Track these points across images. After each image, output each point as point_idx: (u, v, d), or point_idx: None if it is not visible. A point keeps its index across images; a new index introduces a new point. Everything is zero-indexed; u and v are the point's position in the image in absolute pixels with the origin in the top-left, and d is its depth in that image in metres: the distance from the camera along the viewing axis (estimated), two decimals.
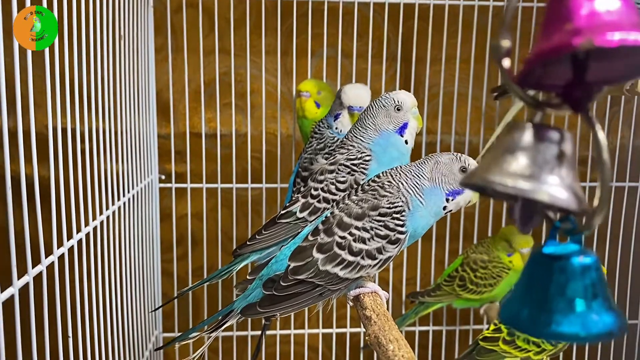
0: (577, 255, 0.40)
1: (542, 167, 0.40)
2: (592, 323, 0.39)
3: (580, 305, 0.39)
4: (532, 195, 0.38)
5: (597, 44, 0.35)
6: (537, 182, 0.39)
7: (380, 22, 1.56)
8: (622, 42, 0.35)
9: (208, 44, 1.51)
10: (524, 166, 0.40)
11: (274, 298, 0.89)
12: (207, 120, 1.59)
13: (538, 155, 0.40)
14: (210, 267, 1.57)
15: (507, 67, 0.41)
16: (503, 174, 0.40)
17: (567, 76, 0.40)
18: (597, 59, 0.39)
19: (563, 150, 0.40)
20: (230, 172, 1.53)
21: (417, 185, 0.89)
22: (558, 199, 0.38)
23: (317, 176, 1.05)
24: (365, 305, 0.90)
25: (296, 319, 1.69)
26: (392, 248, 0.89)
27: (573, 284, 0.40)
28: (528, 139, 0.41)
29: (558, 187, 0.39)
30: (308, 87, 1.38)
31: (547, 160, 0.40)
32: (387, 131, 1.03)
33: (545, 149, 0.40)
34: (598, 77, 0.40)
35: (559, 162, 0.40)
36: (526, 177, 0.39)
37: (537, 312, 0.40)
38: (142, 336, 1.35)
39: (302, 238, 0.91)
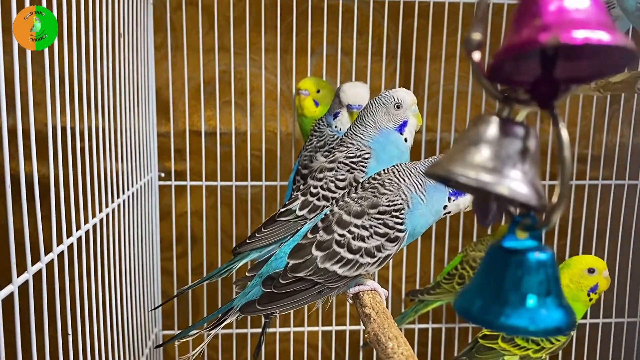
0: (533, 251, 0.41)
1: (504, 161, 0.40)
2: (541, 318, 0.39)
3: (531, 299, 0.40)
4: (493, 188, 0.39)
5: (563, 40, 0.36)
6: (499, 176, 0.39)
7: (380, 20, 1.56)
8: (586, 40, 0.36)
9: (208, 41, 1.51)
10: (487, 159, 0.40)
11: (273, 296, 0.89)
12: (207, 118, 1.59)
13: (502, 149, 0.40)
14: (210, 265, 1.58)
15: (477, 60, 0.41)
16: (466, 166, 0.40)
17: (535, 72, 0.40)
18: (565, 57, 0.39)
19: (527, 146, 0.41)
20: (230, 170, 1.53)
21: (421, 181, 0.89)
22: (518, 194, 0.39)
23: (316, 174, 1.05)
24: (364, 303, 0.90)
25: (296, 316, 1.69)
26: (391, 246, 0.89)
27: (527, 278, 0.40)
28: (493, 132, 0.41)
29: (519, 182, 0.39)
30: (307, 85, 1.38)
31: (510, 154, 0.40)
32: (387, 129, 1.03)
33: (509, 144, 0.41)
34: (566, 75, 0.41)
35: (522, 158, 0.40)
36: (488, 169, 0.40)
37: (489, 303, 0.41)
38: (142, 334, 1.35)
39: (302, 236, 0.91)
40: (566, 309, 0.40)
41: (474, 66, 0.42)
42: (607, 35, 0.36)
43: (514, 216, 0.42)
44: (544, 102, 0.41)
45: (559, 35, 0.36)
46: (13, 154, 0.69)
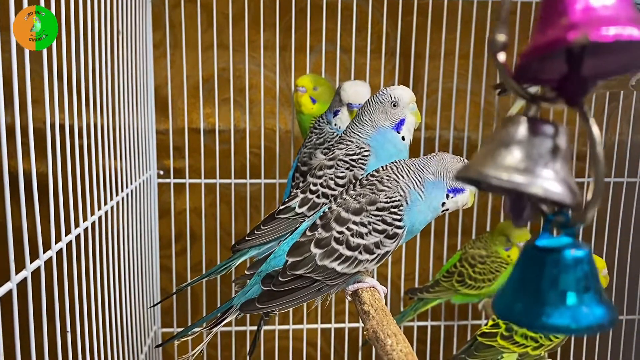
0: (569, 248, 0.40)
1: (536, 161, 0.40)
2: (583, 316, 0.39)
3: (571, 297, 0.40)
4: (527, 189, 0.39)
5: (593, 39, 0.36)
6: (532, 176, 0.39)
7: (379, 18, 1.56)
8: (617, 37, 0.35)
9: (206, 39, 1.51)
10: (519, 160, 0.40)
11: (272, 294, 0.89)
12: (206, 115, 1.59)
13: (532, 149, 0.40)
14: (209, 263, 1.58)
15: (502, 61, 0.41)
16: (498, 168, 0.40)
17: (562, 70, 0.40)
18: (593, 54, 0.39)
19: (557, 144, 0.40)
20: (229, 167, 1.53)
21: (420, 178, 0.89)
22: (553, 193, 0.39)
23: (316, 171, 1.05)
24: (363, 300, 0.90)
25: (295, 314, 1.69)
26: (389, 243, 0.89)
27: (565, 276, 0.40)
28: (523, 132, 0.41)
29: (552, 180, 0.39)
30: (304, 82, 1.38)
31: (541, 154, 0.40)
32: (384, 127, 1.03)
33: (539, 143, 0.40)
34: (593, 72, 0.40)
35: (553, 156, 0.40)
36: (521, 170, 0.39)
37: (529, 304, 0.40)
38: (141, 331, 1.35)
39: (300, 233, 0.91)
40: (607, 305, 0.40)
41: (500, 67, 0.41)
42: (637, 31, 0.35)
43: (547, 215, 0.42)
44: (572, 100, 0.40)
45: (588, 33, 0.35)
46: (11, 152, 0.69)
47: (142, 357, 1.36)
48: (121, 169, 1.21)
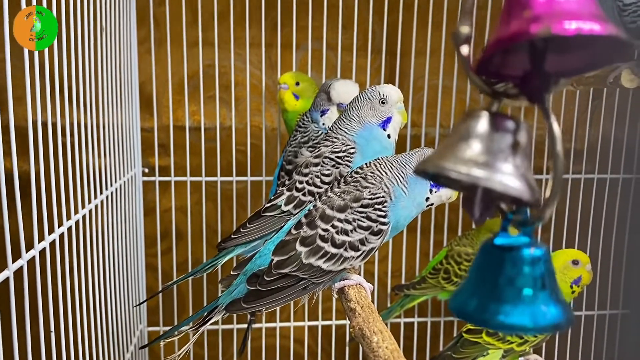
0: (527, 247, 0.40)
1: (496, 156, 0.39)
2: (540, 315, 0.39)
3: (529, 296, 0.39)
4: (485, 183, 0.38)
5: (555, 31, 0.35)
6: (491, 170, 0.39)
7: (365, 15, 1.56)
8: (578, 31, 0.35)
9: (191, 36, 1.50)
10: (478, 154, 0.39)
11: (258, 293, 0.89)
12: (191, 113, 1.58)
13: (493, 143, 0.40)
14: (195, 261, 1.57)
15: (465, 54, 0.41)
16: (457, 161, 0.39)
17: (525, 66, 0.40)
18: (556, 49, 0.39)
19: (518, 140, 0.40)
20: (215, 165, 1.52)
21: (403, 174, 0.89)
22: (511, 188, 0.38)
23: (301, 169, 1.05)
24: (349, 297, 0.90)
25: (282, 312, 1.69)
26: (374, 239, 0.89)
27: (523, 275, 0.40)
28: (484, 127, 0.41)
29: (511, 176, 0.39)
30: (286, 79, 1.38)
31: (501, 149, 0.40)
32: (370, 124, 1.03)
33: (500, 138, 0.40)
34: (556, 68, 0.40)
35: (513, 152, 0.40)
36: (480, 164, 0.39)
37: (486, 302, 0.40)
38: (127, 331, 1.35)
39: (285, 232, 0.91)
40: (564, 305, 0.40)
41: (462, 60, 0.41)
42: (598, 26, 0.35)
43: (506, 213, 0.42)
44: (534, 96, 0.40)
45: (550, 26, 0.35)
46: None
47: (128, 356, 1.35)
48: (105, 167, 1.20)
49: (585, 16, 0.36)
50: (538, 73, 0.40)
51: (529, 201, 0.39)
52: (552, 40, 0.37)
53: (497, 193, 0.39)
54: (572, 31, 0.35)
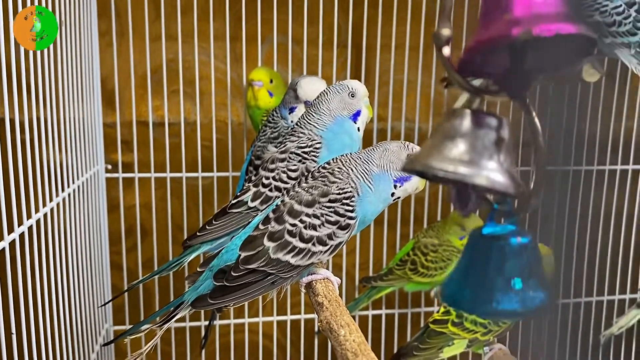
0: (514, 236, 0.42)
1: (480, 153, 0.41)
2: (529, 299, 0.41)
3: (517, 283, 0.41)
4: (472, 180, 0.40)
5: (535, 33, 0.37)
6: (476, 167, 0.40)
7: (331, 9, 1.56)
8: (557, 32, 0.37)
9: (154, 29, 1.47)
10: (464, 152, 0.41)
11: (225, 289, 0.88)
12: (155, 108, 1.56)
13: (477, 141, 0.41)
14: (161, 259, 1.55)
15: (447, 55, 0.42)
16: (443, 160, 0.41)
17: (505, 64, 0.41)
18: (534, 48, 0.40)
19: (501, 135, 0.42)
20: (180, 161, 1.50)
21: (366, 171, 0.90)
22: (496, 183, 0.40)
23: (268, 165, 1.04)
24: (317, 291, 0.91)
25: (250, 307, 1.68)
26: (342, 234, 0.89)
27: (511, 263, 0.41)
28: (467, 125, 0.42)
29: (496, 171, 0.40)
30: (260, 75, 1.37)
31: (485, 145, 0.41)
32: (342, 117, 1.03)
33: (483, 135, 0.42)
34: (534, 66, 0.42)
35: (497, 148, 0.41)
36: (466, 162, 0.40)
37: (477, 291, 0.42)
38: (92, 331, 1.32)
39: (253, 227, 0.91)
40: (549, 288, 0.42)
41: (444, 61, 0.42)
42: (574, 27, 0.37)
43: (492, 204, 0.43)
44: (515, 93, 0.42)
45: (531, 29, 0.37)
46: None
47: (94, 356, 1.33)
48: (67, 164, 1.17)
49: (561, 18, 0.37)
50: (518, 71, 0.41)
51: (514, 194, 0.41)
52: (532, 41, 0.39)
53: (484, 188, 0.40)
54: (552, 32, 0.37)
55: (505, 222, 0.44)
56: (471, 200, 0.44)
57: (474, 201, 0.45)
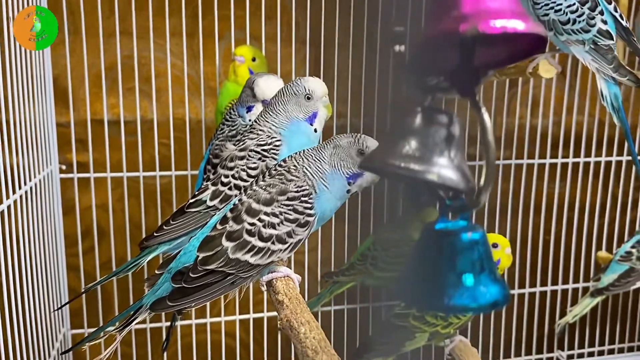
0: (465, 231, 0.42)
1: (432, 149, 0.42)
2: (481, 294, 0.41)
3: (469, 278, 0.42)
4: (424, 176, 0.40)
5: (481, 30, 0.37)
6: (428, 164, 0.41)
7: (289, 6, 1.55)
8: (503, 29, 0.37)
9: (108, 25, 1.44)
10: (416, 148, 0.41)
11: (184, 290, 0.87)
12: (110, 106, 1.52)
13: (428, 138, 0.42)
14: (119, 260, 1.52)
15: (398, 51, 0.42)
16: (397, 157, 0.41)
17: (454, 61, 0.42)
18: (483, 44, 0.41)
19: (452, 132, 0.42)
20: (137, 160, 1.48)
21: (320, 169, 0.90)
22: (447, 179, 0.41)
23: (227, 163, 1.03)
24: (277, 289, 0.90)
25: (212, 306, 1.67)
26: (301, 231, 0.89)
27: (462, 258, 0.42)
28: (419, 122, 0.43)
29: (447, 168, 0.41)
30: (243, 51, 1.37)
31: (436, 142, 0.42)
32: (297, 119, 1.03)
33: (435, 132, 0.42)
34: (483, 62, 0.42)
35: (447, 144, 0.42)
36: (418, 159, 0.41)
37: (430, 287, 0.42)
38: (48, 335, 1.29)
39: (211, 227, 0.90)
40: (501, 283, 0.42)
41: (395, 57, 0.43)
42: (522, 24, 0.37)
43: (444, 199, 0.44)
44: (464, 90, 0.42)
45: (477, 25, 0.37)
46: None
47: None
48: (18, 164, 1.14)
49: (508, 14, 0.38)
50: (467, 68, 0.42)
51: (465, 190, 0.41)
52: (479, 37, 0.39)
53: (435, 184, 0.41)
54: (498, 29, 0.37)
55: (457, 218, 0.44)
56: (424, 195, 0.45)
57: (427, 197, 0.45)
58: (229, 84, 1.39)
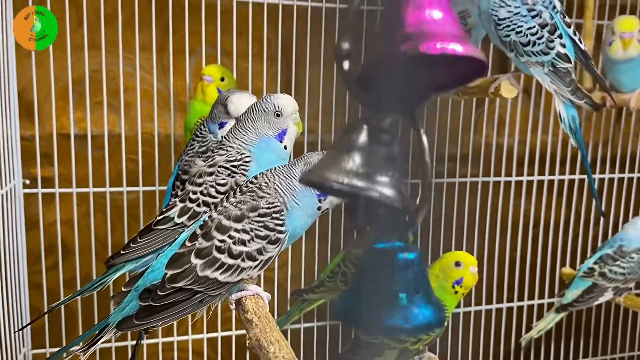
0: (401, 251, 0.43)
1: (374, 167, 0.42)
2: (413, 316, 0.42)
3: (403, 299, 0.42)
4: (365, 192, 0.41)
5: (422, 50, 0.38)
6: (370, 181, 0.41)
7: (260, 22, 1.55)
8: (443, 51, 0.38)
9: (76, 38, 1.42)
10: (359, 165, 0.42)
11: (151, 309, 0.86)
12: (77, 120, 1.49)
13: (371, 155, 0.42)
14: (85, 278, 1.48)
15: (347, 68, 0.43)
16: (339, 172, 0.42)
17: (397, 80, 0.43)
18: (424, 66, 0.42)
19: (393, 151, 0.43)
20: (104, 175, 1.45)
21: (291, 187, 0.90)
22: (385, 197, 0.41)
23: (195, 179, 1.02)
24: (246, 308, 0.90)
25: (180, 325, 1.64)
26: (272, 248, 0.89)
27: (398, 278, 0.43)
28: (363, 140, 0.43)
29: (387, 186, 0.41)
30: (211, 71, 1.37)
31: (378, 160, 0.42)
32: (267, 136, 1.02)
33: (377, 150, 0.43)
34: (426, 84, 0.43)
35: (388, 163, 0.43)
36: (360, 175, 0.41)
37: (366, 306, 0.42)
38: (8, 355, 1.25)
39: (179, 244, 0.89)
40: (435, 306, 0.43)
41: (343, 75, 0.43)
42: (461, 47, 0.38)
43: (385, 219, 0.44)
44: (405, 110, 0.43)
45: (418, 46, 0.38)
46: None
47: None
48: None
49: (449, 37, 0.39)
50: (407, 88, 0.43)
51: (401, 208, 0.42)
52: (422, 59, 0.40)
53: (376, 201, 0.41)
54: (438, 50, 0.38)
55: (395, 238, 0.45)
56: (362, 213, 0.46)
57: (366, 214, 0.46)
58: (197, 102, 1.39)
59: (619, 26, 1.43)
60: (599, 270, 1.55)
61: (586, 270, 1.57)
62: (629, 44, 1.42)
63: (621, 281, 1.54)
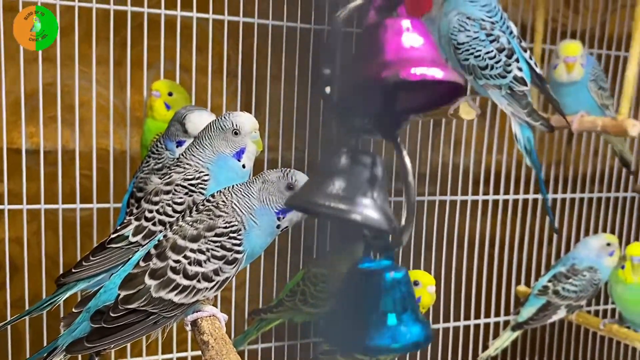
0: (388, 271, 0.43)
1: (357, 190, 0.42)
2: (402, 335, 0.42)
3: (391, 318, 0.42)
4: (348, 215, 0.41)
5: (402, 76, 0.39)
6: (353, 204, 0.41)
7: (220, 39, 1.55)
8: (423, 76, 0.39)
9: (30, 50, 1.38)
10: (341, 189, 0.42)
11: (103, 331, 0.83)
12: (29, 135, 1.45)
13: (353, 178, 0.43)
14: (34, 297, 1.42)
15: (328, 93, 0.43)
16: (323, 196, 0.42)
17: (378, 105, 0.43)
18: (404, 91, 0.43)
19: (375, 173, 0.43)
20: (56, 191, 1.41)
21: (249, 205, 0.88)
22: (371, 220, 0.41)
23: (151, 197, 1.00)
24: (202, 330, 0.88)
25: (133, 347, 1.59)
26: (229, 269, 0.87)
27: (385, 298, 0.43)
28: (345, 163, 0.43)
29: (371, 208, 0.42)
30: (159, 86, 1.36)
31: (361, 183, 0.43)
32: (224, 154, 1.01)
33: (359, 173, 0.43)
34: (405, 106, 0.44)
35: (371, 185, 0.43)
36: (343, 199, 0.42)
37: (352, 326, 0.42)
38: None
39: (133, 265, 0.86)
40: (423, 323, 0.42)
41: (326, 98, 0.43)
42: (440, 72, 0.39)
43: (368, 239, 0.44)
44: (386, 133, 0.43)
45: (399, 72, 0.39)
46: None
47: None
48: None
49: (428, 63, 0.40)
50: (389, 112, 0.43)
51: (387, 230, 0.42)
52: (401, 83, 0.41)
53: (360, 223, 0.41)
54: (418, 76, 0.39)
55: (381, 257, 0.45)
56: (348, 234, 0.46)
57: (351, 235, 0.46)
58: (149, 120, 1.37)
59: (563, 50, 1.49)
60: (553, 288, 1.58)
61: (540, 288, 1.61)
62: (572, 68, 1.47)
63: (573, 299, 1.58)
